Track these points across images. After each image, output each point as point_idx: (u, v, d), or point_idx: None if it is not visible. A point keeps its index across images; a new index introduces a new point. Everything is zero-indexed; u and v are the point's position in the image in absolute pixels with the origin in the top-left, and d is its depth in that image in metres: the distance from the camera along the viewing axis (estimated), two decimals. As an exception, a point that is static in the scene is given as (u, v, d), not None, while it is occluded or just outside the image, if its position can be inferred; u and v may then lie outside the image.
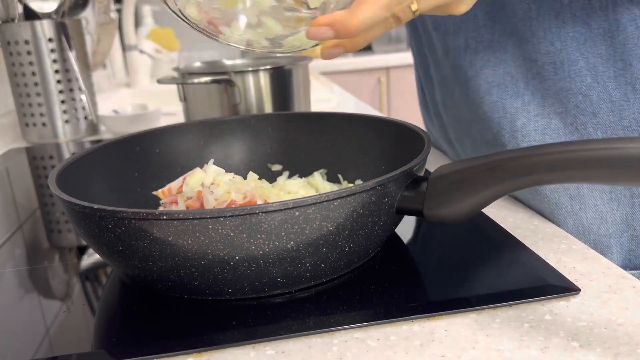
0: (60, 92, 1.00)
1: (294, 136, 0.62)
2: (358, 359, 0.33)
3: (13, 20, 0.96)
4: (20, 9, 0.98)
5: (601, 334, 0.34)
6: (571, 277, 0.41)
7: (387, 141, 0.55)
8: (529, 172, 0.34)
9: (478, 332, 0.35)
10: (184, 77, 0.87)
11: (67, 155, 0.94)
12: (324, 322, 0.36)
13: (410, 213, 0.41)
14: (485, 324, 0.36)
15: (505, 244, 0.46)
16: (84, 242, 0.54)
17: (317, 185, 0.57)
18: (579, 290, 0.38)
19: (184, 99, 0.91)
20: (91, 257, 0.50)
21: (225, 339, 0.35)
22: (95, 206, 0.37)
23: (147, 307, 0.40)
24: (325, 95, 1.37)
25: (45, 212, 0.64)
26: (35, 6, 0.98)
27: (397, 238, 0.48)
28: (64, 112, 1.02)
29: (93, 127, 1.07)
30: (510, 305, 0.37)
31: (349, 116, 0.59)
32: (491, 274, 0.43)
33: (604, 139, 0.33)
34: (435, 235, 0.48)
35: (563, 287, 0.39)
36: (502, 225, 0.50)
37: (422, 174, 0.44)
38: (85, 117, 1.04)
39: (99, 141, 1.02)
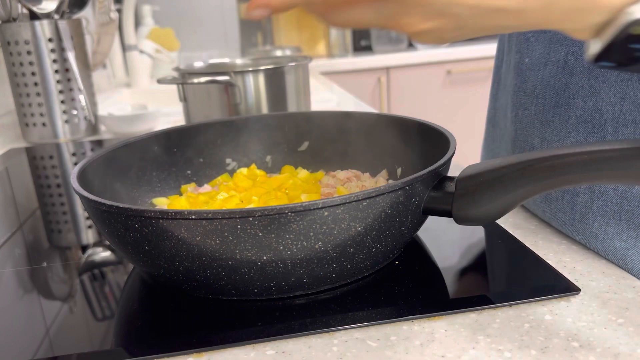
0: (60, 92, 1.00)
1: (316, 135, 0.61)
2: (358, 359, 0.33)
3: (14, 20, 0.96)
4: (20, 9, 0.98)
5: (601, 334, 0.34)
6: (571, 277, 0.41)
7: (409, 141, 0.54)
8: (560, 172, 0.34)
9: (478, 332, 0.35)
10: (184, 77, 0.87)
11: (67, 155, 0.94)
12: (324, 322, 0.36)
13: (437, 213, 0.41)
14: (485, 324, 0.36)
15: (505, 244, 0.46)
16: (84, 242, 0.54)
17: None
18: (579, 290, 0.38)
19: (184, 99, 0.91)
20: (91, 257, 0.50)
21: (226, 339, 0.35)
22: (122, 205, 0.36)
23: (147, 307, 0.40)
24: (325, 95, 1.37)
25: (45, 212, 0.64)
26: (35, 7, 0.98)
27: (397, 238, 0.48)
28: (64, 112, 1.02)
29: (93, 127, 1.07)
30: (510, 305, 0.37)
31: (373, 116, 0.58)
32: (491, 274, 0.43)
33: (637, 139, 0.32)
34: (434, 236, 0.48)
35: (563, 287, 0.39)
36: (502, 225, 0.50)
37: (447, 174, 0.44)
38: (85, 117, 1.04)
39: (98, 141, 1.02)
